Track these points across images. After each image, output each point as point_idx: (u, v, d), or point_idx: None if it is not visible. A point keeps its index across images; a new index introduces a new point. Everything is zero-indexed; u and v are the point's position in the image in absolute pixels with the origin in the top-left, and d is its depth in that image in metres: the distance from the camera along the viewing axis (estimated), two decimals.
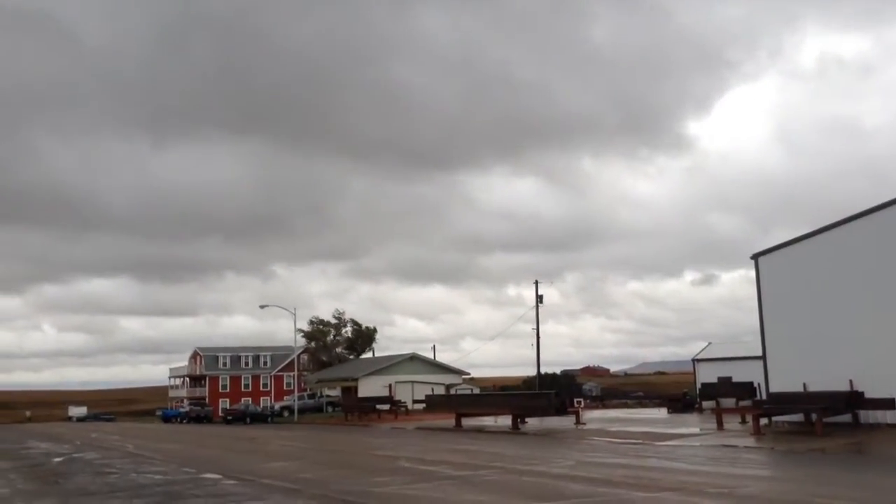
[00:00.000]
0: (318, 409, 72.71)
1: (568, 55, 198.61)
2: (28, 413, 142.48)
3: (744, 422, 33.59)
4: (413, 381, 64.04)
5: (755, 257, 33.53)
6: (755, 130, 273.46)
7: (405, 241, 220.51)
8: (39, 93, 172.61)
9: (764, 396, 33.91)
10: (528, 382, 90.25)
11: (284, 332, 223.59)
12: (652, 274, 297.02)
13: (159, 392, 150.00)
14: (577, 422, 38.21)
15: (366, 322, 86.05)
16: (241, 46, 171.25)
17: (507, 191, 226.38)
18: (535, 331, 69.24)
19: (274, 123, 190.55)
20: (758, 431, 28.18)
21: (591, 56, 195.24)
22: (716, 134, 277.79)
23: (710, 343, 60.85)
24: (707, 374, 53.34)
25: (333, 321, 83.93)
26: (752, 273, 33.42)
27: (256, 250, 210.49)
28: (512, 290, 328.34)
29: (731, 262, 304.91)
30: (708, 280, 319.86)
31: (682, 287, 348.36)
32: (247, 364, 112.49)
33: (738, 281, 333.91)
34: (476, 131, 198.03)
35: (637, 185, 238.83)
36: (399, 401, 58.67)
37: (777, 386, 31.71)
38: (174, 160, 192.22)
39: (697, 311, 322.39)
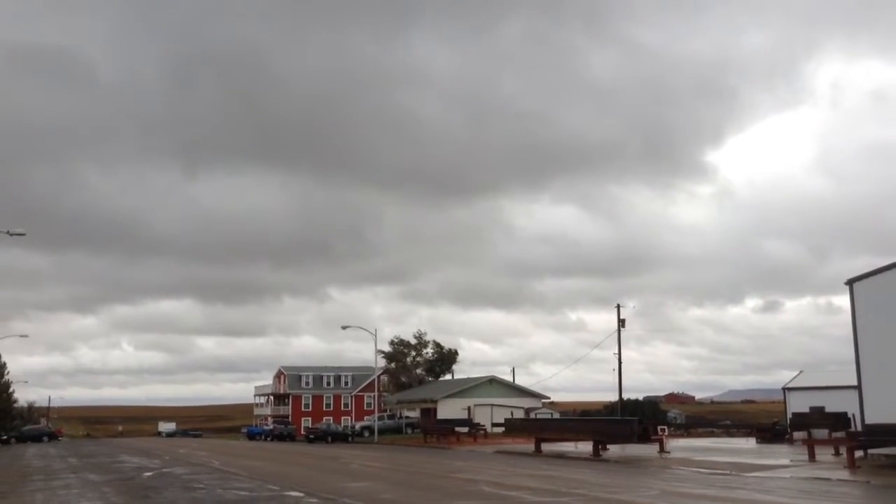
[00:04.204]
0: (398, 430, 73.09)
1: (566, 86, 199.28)
2: (120, 428, 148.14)
3: (837, 454, 32.29)
4: (492, 405, 63.75)
5: (850, 283, 32.18)
6: (782, 157, 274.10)
7: (453, 266, 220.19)
8: (69, 127, 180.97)
9: (859, 427, 32.47)
10: (609, 408, 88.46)
11: (350, 352, 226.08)
12: (712, 300, 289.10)
13: (244, 409, 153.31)
14: (661, 450, 37.31)
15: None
16: (250, 81, 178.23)
17: (543, 216, 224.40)
18: (618, 356, 67.67)
19: (295, 153, 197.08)
20: (852, 464, 27.02)
21: (591, 87, 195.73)
22: (737, 161, 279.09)
23: (801, 371, 58.72)
24: (798, 404, 51.50)
25: (414, 341, 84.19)
26: (822, 300, 32.93)
27: (306, 274, 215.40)
28: (570, 315, 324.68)
29: (792, 288, 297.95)
30: (772, 307, 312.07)
31: (746, 313, 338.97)
32: (328, 384, 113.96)
33: (807, 308, 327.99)
34: (494, 159, 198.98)
35: (673, 211, 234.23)
36: (478, 424, 58.45)
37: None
38: (207, 189, 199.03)
39: (769, 338, 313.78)
